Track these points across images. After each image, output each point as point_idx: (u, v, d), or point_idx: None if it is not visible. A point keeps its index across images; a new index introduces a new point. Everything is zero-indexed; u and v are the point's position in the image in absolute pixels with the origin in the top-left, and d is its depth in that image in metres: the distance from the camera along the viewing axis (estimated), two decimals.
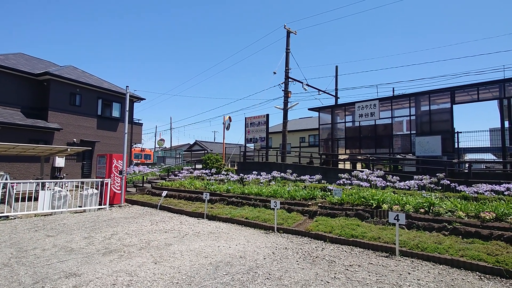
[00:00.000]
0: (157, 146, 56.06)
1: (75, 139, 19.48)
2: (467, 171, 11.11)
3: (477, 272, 4.70)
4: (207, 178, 15.13)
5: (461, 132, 14.18)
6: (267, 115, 19.49)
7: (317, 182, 11.70)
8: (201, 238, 6.80)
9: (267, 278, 4.41)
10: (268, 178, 12.82)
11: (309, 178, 11.79)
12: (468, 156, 16.31)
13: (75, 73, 21.12)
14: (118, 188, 12.11)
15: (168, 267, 4.88)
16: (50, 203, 9.91)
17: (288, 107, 19.77)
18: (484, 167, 16.26)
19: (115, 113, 22.17)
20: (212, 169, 16.30)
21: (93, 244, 6.26)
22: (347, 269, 4.83)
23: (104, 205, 11.25)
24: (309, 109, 20.44)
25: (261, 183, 12.58)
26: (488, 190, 7.88)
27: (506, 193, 7.61)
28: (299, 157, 19.52)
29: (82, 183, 11.72)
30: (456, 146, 13.59)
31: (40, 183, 10.56)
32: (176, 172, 19.07)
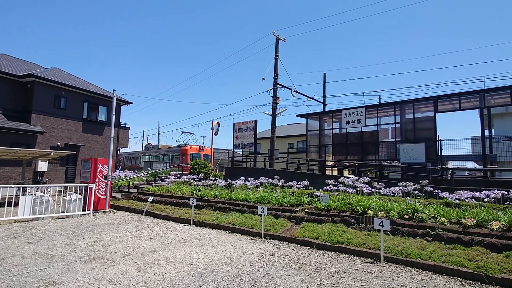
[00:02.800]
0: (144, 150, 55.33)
1: (59, 143, 19.04)
2: (449, 178, 11.39)
3: (459, 278, 4.80)
4: (195, 183, 15.00)
5: (444, 140, 14.55)
6: (256, 120, 19.55)
7: (304, 188, 11.77)
8: (187, 245, 6.73)
9: (253, 285, 4.39)
10: (255, 184, 12.82)
11: (297, 184, 11.85)
12: (451, 163, 16.75)
13: (61, 76, 20.73)
14: (103, 193, 11.87)
15: (152, 274, 4.80)
16: (31, 209, 9.62)
17: (277, 113, 19.89)
18: (466, 174, 16.68)
19: (102, 117, 21.82)
20: (200, 175, 16.18)
21: (75, 251, 6.10)
22: (333, 276, 4.86)
23: (88, 210, 11.00)
24: (297, 115, 20.62)
25: (249, 189, 12.57)
26: (470, 197, 8.09)
27: (486, 200, 7.83)
28: (287, 163, 19.62)
29: (66, 188, 11.44)
30: (439, 154, 13.94)
31: (21, 188, 10.26)
32: (163, 177, 18.84)
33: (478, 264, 4.94)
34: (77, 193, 11.11)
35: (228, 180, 14.08)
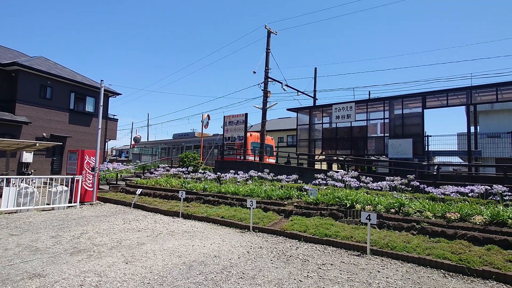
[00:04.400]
0: (133, 142, 54.67)
1: (44, 134, 18.62)
2: (435, 173, 11.61)
3: (442, 270, 4.92)
4: (184, 176, 14.92)
5: (431, 136, 14.81)
6: (246, 114, 19.47)
7: (293, 182, 11.83)
8: (175, 237, 6.70)
9: (241, 278, 4.41)
10: (245, 177, 12.82)
11: (286, 178, 11.90)
12: (437, 159, 17.08)
13: (47, 65, 20.18)
14: (90, 185, 11.70)
15: (139, 267, 4.77)
16: (15, 200, 9.42)
17: (267, 106, 19.85)
18: (452, 170, 17.07)
19: (89, 108, 21.40)
20: (189, 167, 16.09)
21: (60, 244, 6.01)
22: (320, 268, 4.92)
23: (74, 203, 10.83)
24: (287, 109, 20.64)
25: (238, 182, 12.57)
26: (454, 192, 8.26)
27: (470, 194, 8.02)
28: (276, 157, 19.65)
29: (51, 179, 11.22)
30: (426, 149, 14.18)
31: (5, 179, 10.01)
32: (152, 169, 18.67)
33: (460, 256, 5.07)
34: (63, 185, 10.91)
35: (218, 173, 14.04)
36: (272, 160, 20.26)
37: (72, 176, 11.25)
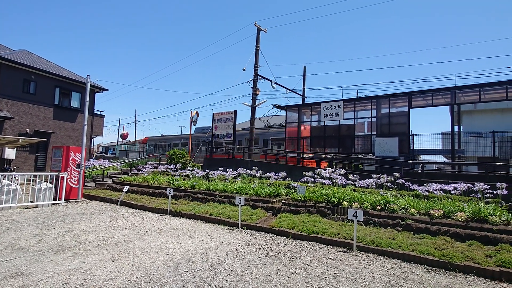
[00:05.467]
0: (120, 139, 53.82)
1: (28, 130, 18.15)
2: (420, 171, 11.87)
3: (426, 266, 5.05)
4: (172, 173, 14.82)
5: (416, 135, 15.10)
6: (235, 111, 19.45)
7: (282, 180, 11.90)
8: (163, 235, 6.66)
9: (229, 275, 4.42)
10: (234, 174, 12.82)
11: (275, 175, 11.96)
12: (422, 157, 17.42)
13: (30, 59, 19.64)
14: (75, 182, 11.48)
15: (126, 264, 4.72)
16: None
17: (256, 104, 19.86)
18: (436, 168, 17.45)
19: (75, 103, 20.96)
20: (178, 165, 15.97)
21: (44, 242, 5.89)
22: (307, 264, 4.97)
23: (59, 200, 10.61)
24: (276, 107, 20.65)
25: (227, 179, 12.56)
26: (438, 189, 8.47)
27: (453, 192, 8.24)
28: (265, 154, 19.71)
29: (35, 176, 10.95)
30: (411, 148, 14.45)
31: None
32: (139, 166, 18.46)
33: (443, 252, 5.21)
34: (47, 182, 10.67)
35: (206, 170, 14.00)
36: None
37: (56, 173, 11.01)
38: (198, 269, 4.62)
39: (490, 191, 7.51)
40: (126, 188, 11.58)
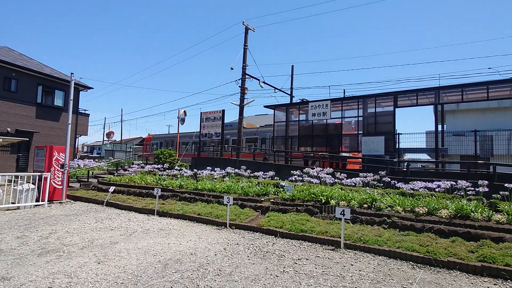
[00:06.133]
0: (105, 138, 52.88)
1: (9, 129, 17.59)
2: (405, 169, 12.10)
3: (411, 262, 5.15)
4: (160, 173, 14.64)
5: (401, 134, 15.38)
6: (223, 110, 19.38)
7: (270, 179, 11.92)
8: (150, 236, 6.57)
9: (218, 275, 4.40)
10: (222, 174, 12.77)
11: (263, 174, 11.97)
12: (407, 156, 17.77)
13: (11, 56, 19.04)
14: (59, 183, 11.20)
15: (112, 266, 4.64)
16: None
17: (244, 103, 19.84)
18: (420, 166, 17.83)
19: (58, 102, 20.44)
20: (165, 164, 15.80)
21: (27, 244, 5.72)
22: (296, 263, 5.00)
23: (42, 201, 10.33)
24: (265, 106, 20.68)
25: (215, 179, 12.50)
26: (422, 187, 8.66)
27: (437, 189, 8.43)
28: (253, 153, 19.72)
29: (17, 177, 10.63)
30: (397, 147, 14.72)
31: None
32: (126, 166, 18.17)
33: (428, 249, 5.33)
34: (29, 182, 10.38)
35: (194, 170, 13.89)
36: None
37: (39, 174, 10.72)
38: (186, 269, 4.58)
39: (472, 188, 7.72)
40: (112, 189, 11.38)
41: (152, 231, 6.97)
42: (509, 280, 4.40)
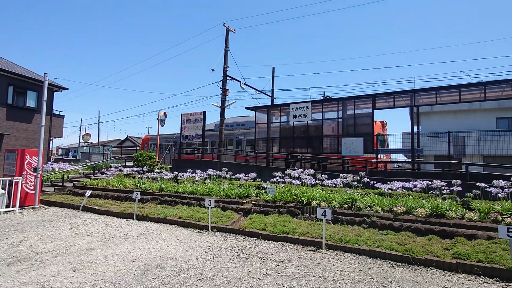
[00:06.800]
0: (82, 141, 51.18)
1: None
2: (383, 170, 12.41)
3: (390, 261, 5.27)
4: (139, 176, 14.31)
5: (379, 135, 15.78)
6: (204, 112, 19.21)
7: (252, 180, 11.90)
8: (129, 241, 6.39)
9: (199, 279, 4.33)
10: (203, 176, 12.63)
11: (245, 176, 11.94)
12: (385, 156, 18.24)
13: None
14: (32, 187, 10.71)
15: (89, 274, 4.46)
16: None
17: (226, 105, 19.76)
18: (397, 166, 18.37)
19: (31, 103, 19.58)
20: (145, 167, 15.45)
21: None
22: (278, 265, 5.00)
23: (13, 207, 9.84)
24: (246, 108, 20.73)
25: (196, 181, 12.35)
26: (400, 187, 8.90)
27: (413, 189, 8.69)
28: (235, 155, 19.65)
29: None
30: (375, 147, 15.09)
31: None
32: (103, 169, 17.64)
33: (406, 247, 5.47)
34: None
35: (175, 172, 13.66)
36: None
37: (10, 178, 10.21)
38: (167, 275, 4.48)
39: (447, 188, 8.01)
40: (88, 193, 11.01)
41: (131, 236, 6.77)
42: (482, 276, 4.58)
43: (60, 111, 22.29)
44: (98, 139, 50.97)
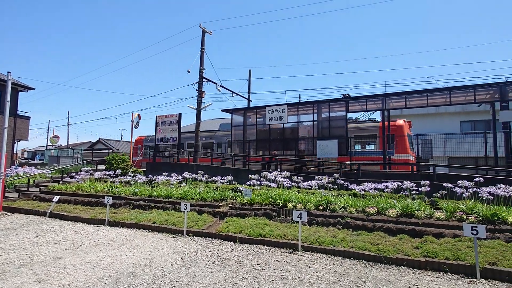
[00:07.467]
0: (49, 143, 48.81)
1: None
2: (356, 172, 12.74)
3: (363, 261, 5.40)
4: (111, 180, 13.81)
5: (353, 137, 16.21)
6: (180, 114, 18.94)
7: (228, 183, 11.83)
8: (100, 248, 6.14)
9: (174, 286, 4.23)
10: (179, 179, 12.40)
11: (221, 179, 11.84)
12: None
13: None
14: None
15: (56, 285, 4.24)
16: None
17: (202, 107, 19.57)
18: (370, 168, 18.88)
19: None
20: (117, 170, 14.96)
21: None
22: (255, 268, 4.98)
23: None
24: (222, 110, 20.56)
25: (172, 184, 12.10)
26: (372, 188, 9.15)
27: (385, 190, 8.96)
28: (211, 158, 19.48)
29: None
30: (349, 150, 15.47)
31: None
32: (73, 173, 16.89)
33: (378, 247, 5.63)
34: None
35: (149, 175, 13.33)
36: None
37: None
38: (140, 283, 4.34)
39: (416, 188, 8.33)
40: (56, 198, 10.49)
41: (102, 243, 6.51)
42: (449, 273, 4.80)
43: (25, 112, 21.21)
44: (68, 141, 48.83)
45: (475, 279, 4.56)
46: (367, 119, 18.55)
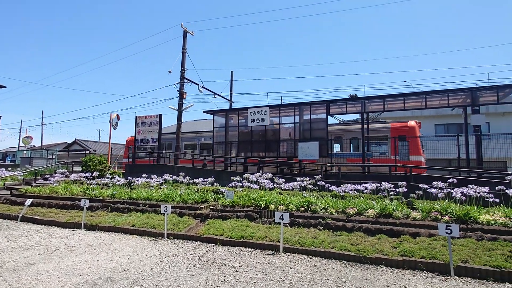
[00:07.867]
0: (22, 144, 46.72)
1: None
2: (337, 173, 12.96)
3: (344, 261, 5.49)
4: (88, 182, 13.38)
5: (333, 139, 16.48)
6: (160, 115, 18.62)
7: (210, 185, 11.73)
8: (76, 253, 5.93)
9: None
10: (159, 181, 12.18)
11: (202, 181, 11.73)
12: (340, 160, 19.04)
13: None
14: None
15: None
16: None
17: (183, 108, 19.35)
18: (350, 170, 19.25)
19: None
20: (95, 172, 14.50)
21: None
22: (237, 271, 4.96)
23: None
24: (204, 111, 20.36)
25: (152, 186, 11.87)
26: (352, 189, 9.34)
27: (364, 191, 9.17)
28: (192, 159, 19.27)
29: None
30: (330, 152, 15.72)
31: None
32: (47, 175, 16.23)
33: (358, 247, 5.74)
34: None
35: (129, 178, 13.00)
36: None
37: None
38: None
39: (394, 189, 8.57)
40: (29, 201, 10.03)
41: (78, 248, 6.29)
42: (425, 271, 4.96)
43: None
44: (42, 142, 46.89)
45: (449, 277, 4.73)
46: (379, 120, 18.19)
